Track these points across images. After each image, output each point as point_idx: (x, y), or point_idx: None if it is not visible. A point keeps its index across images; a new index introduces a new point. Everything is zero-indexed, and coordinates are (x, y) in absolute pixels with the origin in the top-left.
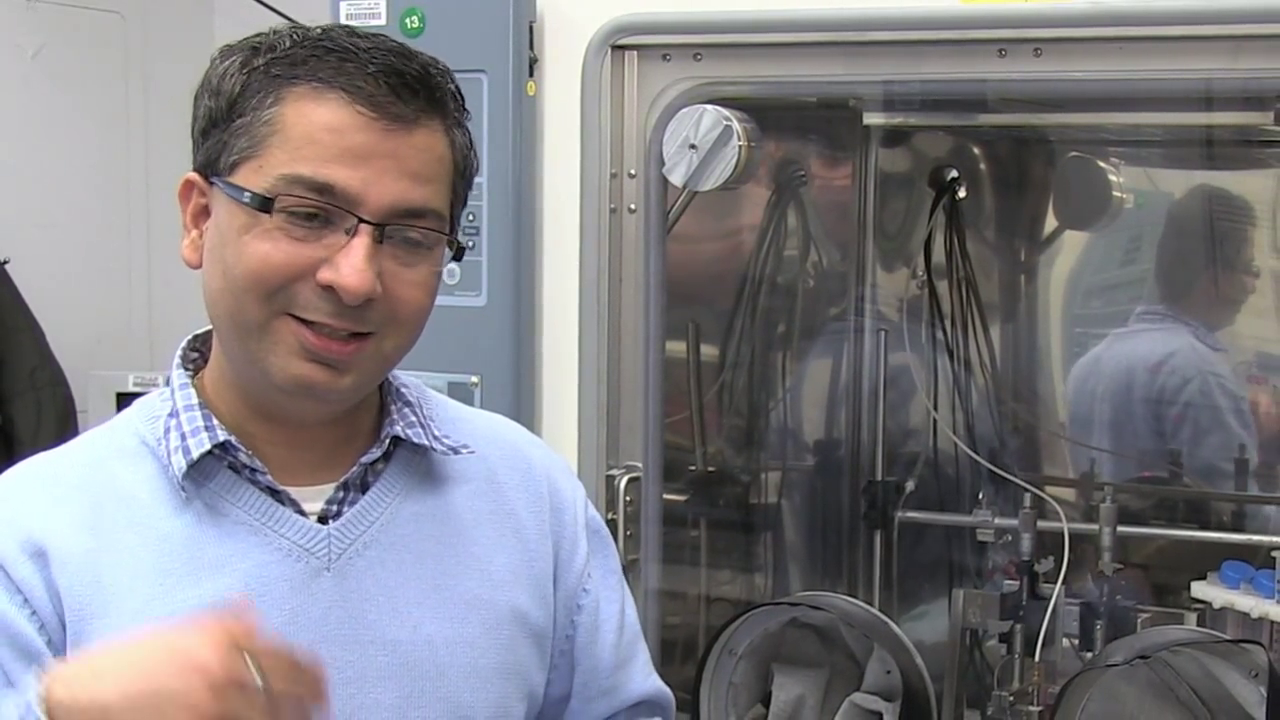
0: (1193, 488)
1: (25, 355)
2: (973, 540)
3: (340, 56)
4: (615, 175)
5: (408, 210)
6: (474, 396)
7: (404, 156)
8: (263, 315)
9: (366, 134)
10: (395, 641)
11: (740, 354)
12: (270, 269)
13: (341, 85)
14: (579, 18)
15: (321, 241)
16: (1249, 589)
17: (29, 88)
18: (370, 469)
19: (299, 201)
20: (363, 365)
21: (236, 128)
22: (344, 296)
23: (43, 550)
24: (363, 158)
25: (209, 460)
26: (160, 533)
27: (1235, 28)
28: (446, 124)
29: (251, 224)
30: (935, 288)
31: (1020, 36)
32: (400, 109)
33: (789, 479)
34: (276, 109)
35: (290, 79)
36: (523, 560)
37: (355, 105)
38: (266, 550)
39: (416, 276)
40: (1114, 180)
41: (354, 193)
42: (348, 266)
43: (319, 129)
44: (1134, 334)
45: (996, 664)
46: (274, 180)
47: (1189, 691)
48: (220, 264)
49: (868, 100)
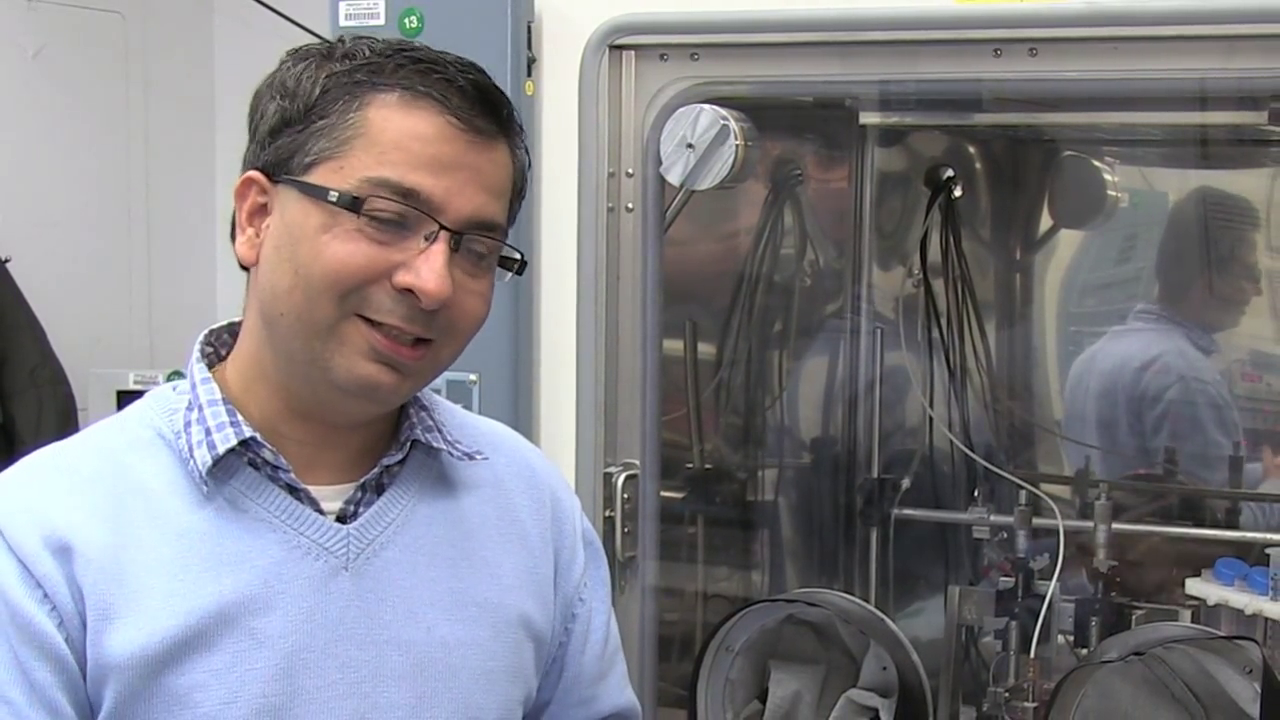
0: (1188, 485)
1: (26, 353)
2: (968, 537)
3: (429, 66)
4: (613, 174)
5: (482, 223)
6: (472, 394)
7: (484, 170)
8: (334, 315)
9: (453, 145)
10: (410, 642)
11: (737, 352)
12: (349, 270)
13: (432, 94)
14: (577, 18)
15: (399, 246)
16: (1243, 586)
17: (29, 87)
18: (386, 471)
19: (386, 204)
20: (422, 371)
21: (316, 130)
22: (423, 300)
23: (67, 545)
24: (448, 167)
25: (229, 456)
26: (179, 528)
27: (1229, 28)
28: (513, 145)
29: (331, 224)
30: (931, 286)
31: (1015, 36)
32: (485, 124)
33: (785, 476)
34: (361, 113)
35: (375, 85)
36: (527, 566)
37: (445, 116)
38: (286, 548)
39: (479, 287)
40: (1109, 179)
41: (438, 200)
42: (428, 270)
43: (407, 136)
44: (1129, 333)
45: (992, 660)
46: (358, 182)
47: (1183, 688)
48: (290, 262)
49: (864, 100)
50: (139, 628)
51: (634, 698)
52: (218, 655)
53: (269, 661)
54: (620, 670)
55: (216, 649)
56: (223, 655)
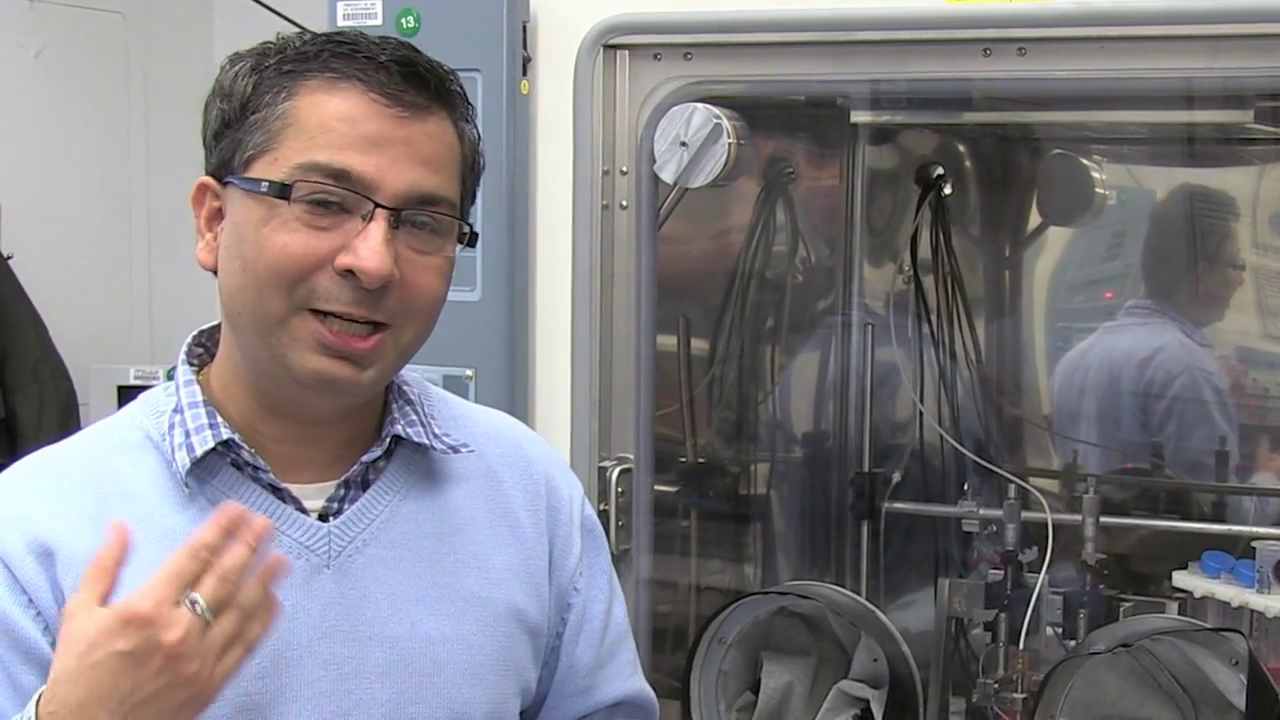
0: (1174, 479)
1: (28, 349)
2: (958, 531)
3: (351, 48)
4: (607, 172)
5: (422, 196)
6: (469, 389)
7: (417, 143)
8: (284, 309)
9: (380, 121)
10: (392, 638)
11: (730, 348)
12: (291, 259)
13: (354, 74)
14: (572, 18)
15: (339, 229)
16: (1229, 578)
17: (32, 87)
18: (371, 467)
19: (316, 188)
20: (383, 359)
21: (250, 124)
22: (363, 279)
23: (49, 550)
24: (377, 144)
25: (212, 457)
26: (162, 529)
27: (1215, 28)
28: (455, 117)
29: (269, 216)
30: (921, 283)
31: (1005, 36)
32: (413, 97)
33: (778, 470)
34: (290, 103)
35: (302, 73)
36: (520, 558)
37: (369, 93)
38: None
39: (431, 263)
40: (1097, 177)
41: (370, 178)
42: (366, 249)
43: (333, 117)
44: (1121, 328)
45: (981, 652)
46: (290, 169)
47: (1170, 679)
48: (239, 259)
49: (855, 99)
50: None
51: (644, 686)
52: None
53: (251, 659)
54: (625, 658)
55: None
56: None
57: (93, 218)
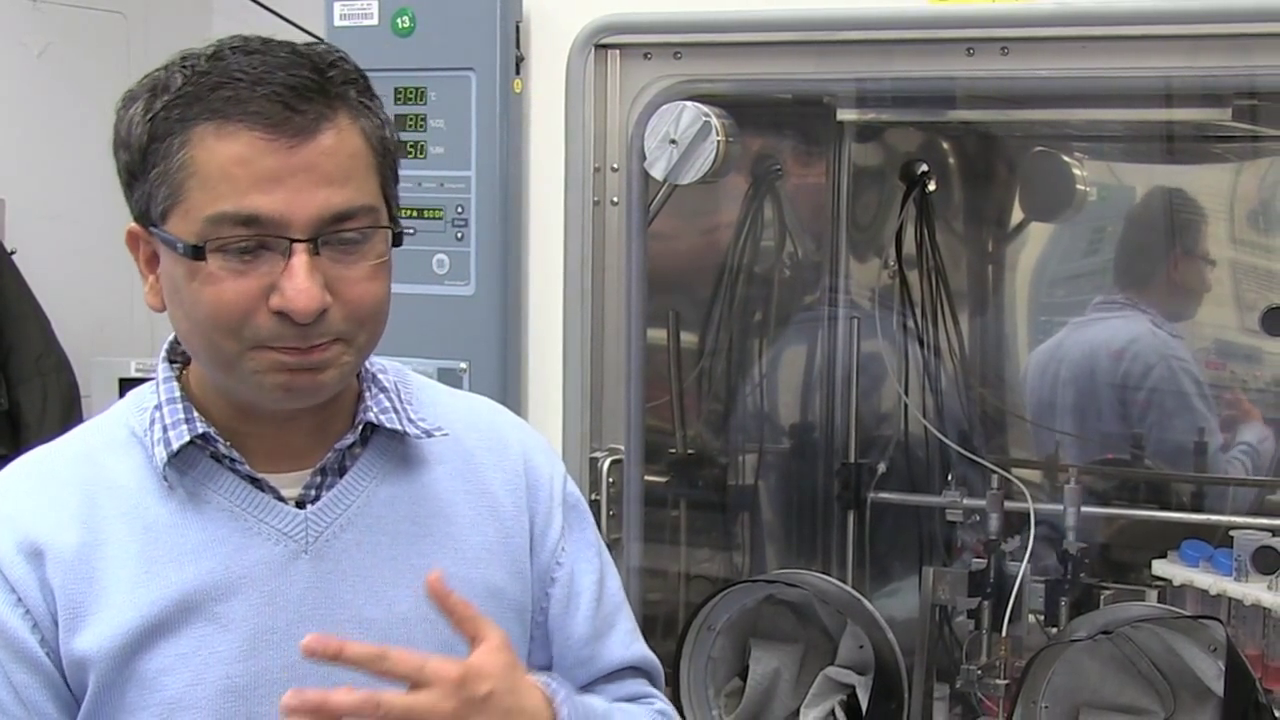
0: (1154, 470)
1: (32, 342)
2: (942, 520)
3: (232, 87)
4: (598, 169)
5: (335, 215)
6: (463, 382)
7: (316, 165)
8: (236, 349)
9: (274, 155)
10: (370, 620)
11: (719, 341)
12: (225, 309)
13: (238, 116)
14: (564, 18)
15: (263, 269)
16: (1208, 567)
17: (34, 85)
18: (348, 454)
19: (229, 240)
20: (340, 363)
21: (155, 177)
22: (296, 317)
23: (39, 549)
24: (277, 179)
25: (192, 450)
26: (146, 521)
27: (1194, 27)
28: (352, 115)
29: (194, 271)
30: (906, 277)
31: (988, 36)
32: (300, 120)
33: (766, 461)
34: (186, 152)
35: (190, 120)
36: (499, 537)
37: (255, 132)
38: (246, 535)
39: (362, 273)
40: (1078, 174)
41: (279, 215)
42: (292, 289)
43: (229, 163)
44: (1093, 322)
45: (965, 639)
46: (201, 224)
47: (1150, 665)
48: (180, 308)
49: (841, 97)
50: (107, 621)
51: (647, 652)
52: (182, 640)
53: (232, 644)
54: (624, 627)
55: (181, 634)
56: (187, 640)
57: (94, 213)
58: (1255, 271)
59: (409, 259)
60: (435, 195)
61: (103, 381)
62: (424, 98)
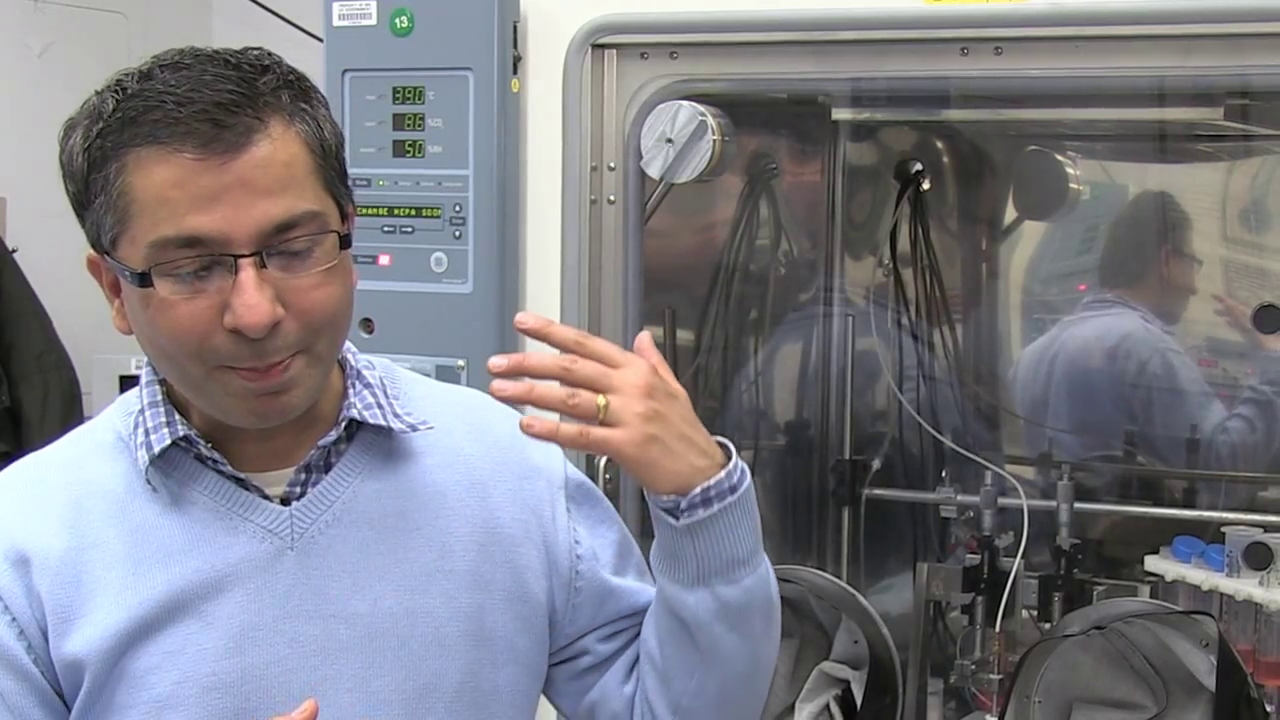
0: (1146, 466)
1: (33, 340)
2: (936, 516)
3: (160, 109)
4: (595, 168)
5: (276, 227)
6: (461, 378)
7: (251, 179)
8: (201, 370)
9: (207, 175)
10: (356, 615)
11: (714, 339)
12: (183, 333)
13: (166, 139)
14: (561, 18)
15: (213, 290)
16: (1200, 563)
17: (36, 84)
18: (333, 450)
19: (173, 265)
20: (304, 380)
21: (99, 206)
22: (248, 333)
23: (25, 557)
24: (214, 198)
25: (176, 452)
26: (132, 524)
27: (1186, 27)
28: (285, 121)
29: (147, 299)
30: (900, 275)
31: (981, 36)
32: (229, 135)
33: (761, 458)
34: (124, 179)
35: (124, 145)
36: (489, 528)
37: (183, 154)
38: (231, 534)
39: (311, 281)
40: (1071, 173)
41: (219, 234)
42: (241, 305)
43: (164, 187)
44: (1084, 320)
45: (959, 634)
46: (146, 250)
47: (1142, 660)
48: (143, 334)
49: (836, 96)
50: (95, 624)
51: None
52: (170, 638)
53: (218, 641)
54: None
55: (168, 633)
56: (174, 638)
57: None
58: (1247, 269)
59: (407, 257)
60: (433, 194)
61: (103, 379)
62: (422, 97)
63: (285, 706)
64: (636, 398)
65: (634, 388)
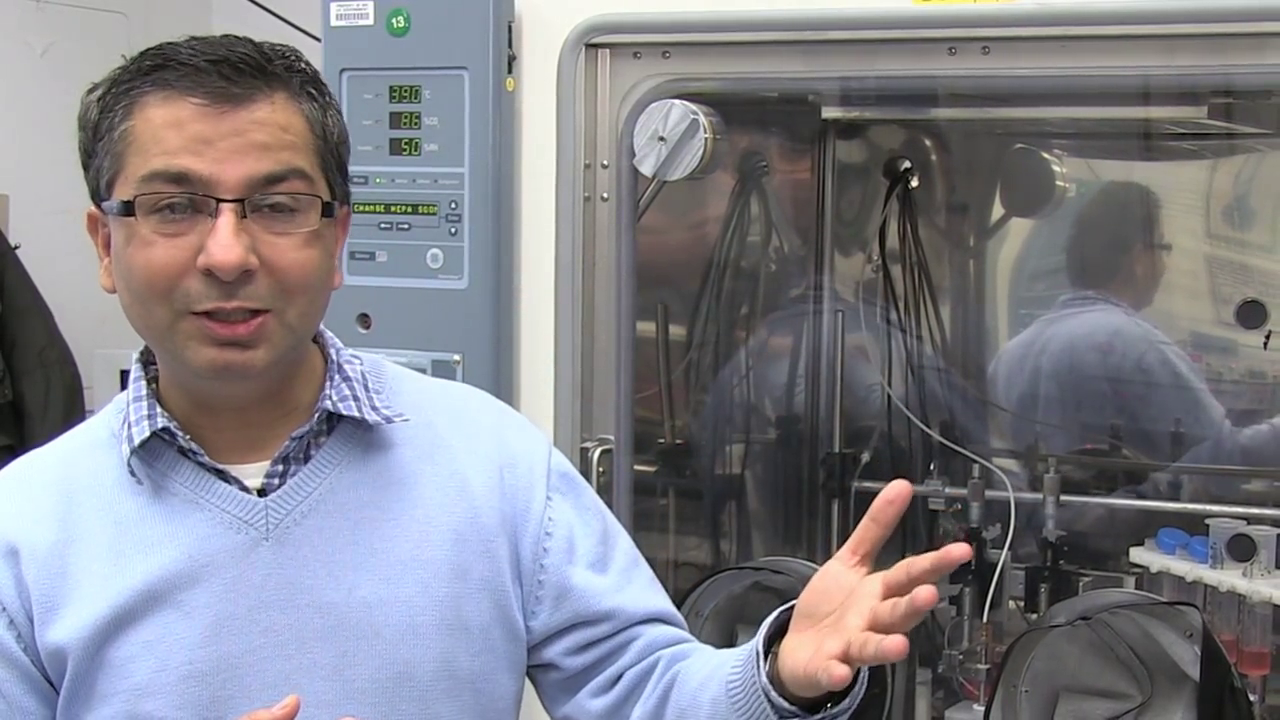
0: (1131, 459)
1: (35, 335)
2: (924, 509)
3: (178, 60)
4: (589, 166)
5: (263, 179)
6: (456, 374)
7: (246, 132)
8: (168, 316)
9: (206, 121)
10: (330, 604)
11: (706, 334)
12: (156, 271)
13: (174, 83)
14: (555, 18)
15: (193, 232)
16: (1184, 554)
17: (38, 84)
18: (314, 443)
19: (157, 196)
20: (270, 339)
21: (101, 150)
22: (219, 273)
23: (15, 549)
24: (208, 142)
25: (159, 444)
26: (117, 516)
27: (1170, 27)
28: (291, 96)
29: (130, 235)
30: (889, 271)
31: (969, 35)
32: (233, 89)
33: (752, 451)
34: (128, 123)
35: (135, 93)
36: (467, 517)
37: (189, 98)
38: (209, 524)
39: (293, 242)
40: (1057, 170)
41: (207, 175)
42: (215, 245)
43: (162, 127)
44: (1067, 317)
45: (947, 625)
46: (135, 184)
47: (1128, 651)
48: (122, 280)
49: (826, 95)
50: (78, 614)
51: (669, 604)
52: (148, 628)
53: (194, 630)
54: (642, 581)
55: (147, 623)
56: (152, 628)
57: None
58: (1231, 266)
59: (403, 253)
60: (429, 191)
61: (104, 373)
62: (418, 96)
63: (260, 695)
64: None
65: None
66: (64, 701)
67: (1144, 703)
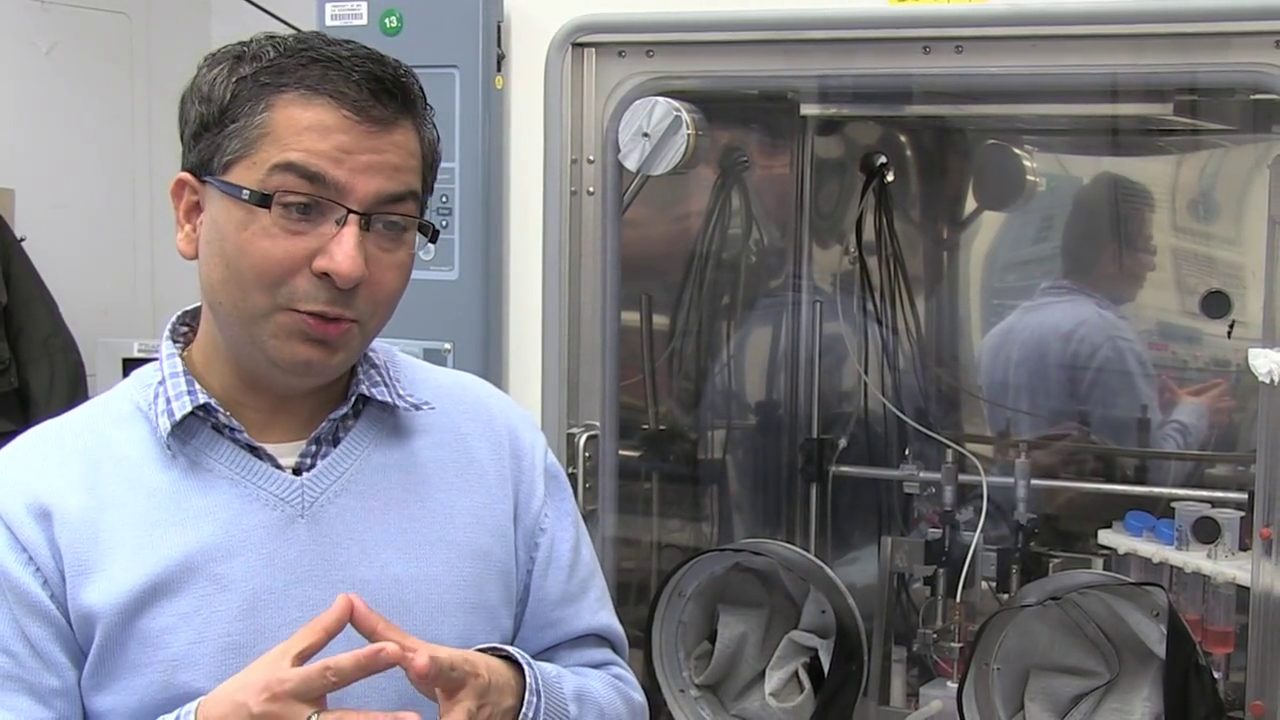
0: (1099, 445)
1: (40, 324)
2: (900, 492)
3: (325, 65)
4: (575, 161)
5: (389, 197)
6: (447, 361)
7: (384, 153)
8: (268, 306)
9: (350, 135)
10: (364, 580)
11: (689, 323)
12: (271, 263)
13: (328, 91)
14: (542, 18)
15: (314, 233)
16: (1150, 536)
17: (42, 82)
18: (341, 425)
19: (293, 192)
20: (350, 344)
21: (230, 132)
22: (338, 281)
23: (47, 511)
24: (348, 154)
25: (194, 421)
26: (149, 488)
27: (1138, 27)
28: (416, 122)
29: (249, 220)
30: (866, 263)
31: (943, 35)
32: (380, 112)
33: (733, 436)
34: (267, 114)
35: (279, 86)
36: (484, 503)
37: (341, 109)
38: (245, 500)
39: (395, 260)
40: (1028, 165)
41: (342, 184)
42: (340, 253)
43: (307, 129)
44: (1042, 306)
45: (921, 604)
46: (266, 171)
47: (1096, 629)
48: (220, 256)
49: (804, 92)
50: (112, 580)
51: (613, 621)
52: (185, 599)
53: (232, 603)
54: (594, 595)
55: (183, 594)
56: (189, 599)
57: (99, 203)
58: (1196, 257)
59: None
60: None
61: (107, 361)
62: None
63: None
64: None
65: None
66: (90, 668)
67: (1111, 680)
